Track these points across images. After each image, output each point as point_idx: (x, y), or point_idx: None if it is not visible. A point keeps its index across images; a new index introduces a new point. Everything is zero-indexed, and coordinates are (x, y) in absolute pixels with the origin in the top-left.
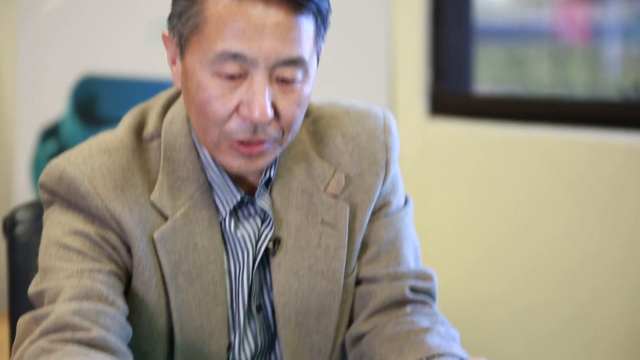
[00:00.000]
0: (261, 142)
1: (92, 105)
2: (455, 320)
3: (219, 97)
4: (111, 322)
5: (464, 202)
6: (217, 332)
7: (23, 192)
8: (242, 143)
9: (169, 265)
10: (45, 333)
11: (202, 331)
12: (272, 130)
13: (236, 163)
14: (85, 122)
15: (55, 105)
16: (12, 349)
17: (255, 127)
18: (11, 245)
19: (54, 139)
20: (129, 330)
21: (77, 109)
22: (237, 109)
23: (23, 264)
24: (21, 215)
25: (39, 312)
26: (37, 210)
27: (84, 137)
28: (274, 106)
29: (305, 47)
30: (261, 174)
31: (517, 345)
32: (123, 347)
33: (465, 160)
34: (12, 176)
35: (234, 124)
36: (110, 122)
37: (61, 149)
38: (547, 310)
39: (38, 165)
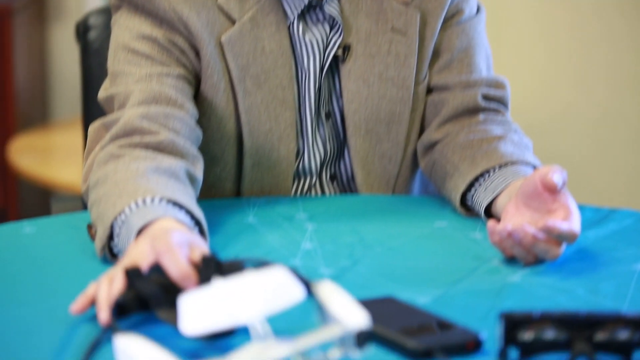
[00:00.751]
0: None
1: None
2: (527, 128)
3: None
4: (180, 125)
5: (538, 9)
6: (286, 136)
7: None
8: None
9: (236, 69)
10: (114, 138)
11: (270, 135)
12: None
13: None
14: None
15: None
16: (84, 155)
17: None
18: (84, 50)
19: None
20: (198, 133)
21: None
22: None
23: (96, 70)
24: (94, 21)
25: (108, 118)
26: (110, 15)
27: None
28: None
29: None
30: None
31: (589, 153)
32: (192, 149)
33: None
34: None
35: None
36: None
37: None
38: (621, 118)
39: None
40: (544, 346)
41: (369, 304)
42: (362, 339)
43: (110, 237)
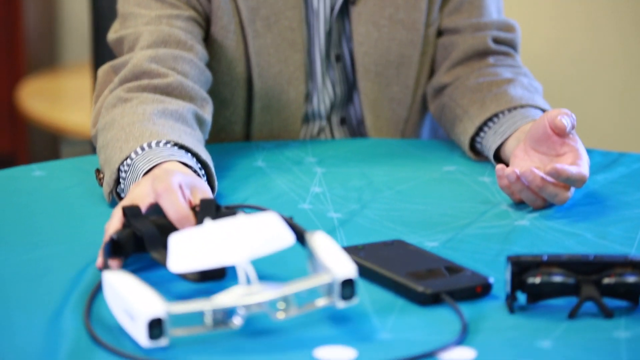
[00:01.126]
0: None
1: None
2: (537, 73)
3: None
4: (189, 67)
5: None
6: (295, 78)
7: None
8: None
9: (247, 10)
10: (123, 81)
11: (280, 77)
12: None
13: None
14: None
15: None
16: (94, 98)
17: None
18: None
19: None
20: (208, 75)
21: None
22: None
23: (106, 12)
24: None
25: (117, 60)
26: None
27: None
28: None
29: None
30: None
31: (597, 97)
32: (201, 92)
33: None
34: None
35: None
36: None
37: None
38: (631, 63)
39: None
40: (551, 290)
41: (377, 247)
42: (348, 289)
43: (117, 181)
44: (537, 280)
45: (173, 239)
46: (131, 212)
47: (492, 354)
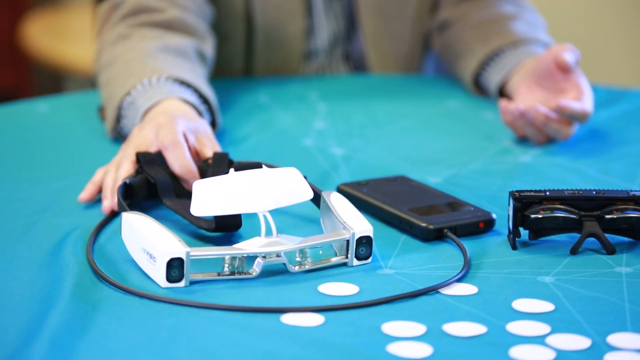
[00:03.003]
0: None
1: None
2: (542, 7)
3: None
4: (188, 2)
5: None
6: (295, 12)
7: None
8: None
9: None
10: (123, 18)
11: (280, 11)
12: None
13: None
14: None
15: None
16: (96, 36)
17: None
18: None
19: None
20: (208, 10)
21: None
22: None
23: None
24: None
25: None
26: None
27: None
28: None
29: None
30: None
31: (602, 32)
32: (202, 26)
33: None
34: None
35: None
36: None
37: None
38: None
39: None
40: (554, 226)
41: (381, 183)
42: (364, 248)
43: (119, 118)
44: (540, 216)
45: (197, 185)
46: (145, 159)
47: (494, 289)
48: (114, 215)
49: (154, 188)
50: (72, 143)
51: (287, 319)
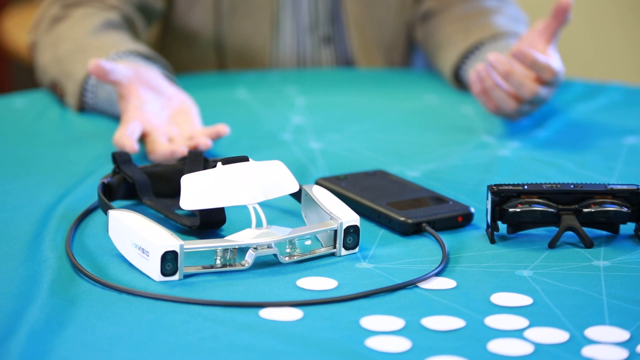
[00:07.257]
0: None
1: None
2: (541, 7)
3: None
4: None
5: None
6: None
7: None
8: None
9: None
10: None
11: None
12: None
13: None
14: None
15: None
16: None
17: None
18: None
19: None
20: None
21: None
22: None
23: None
24: None
25: None
26: None
27: None
28: None
29: None
30: None
31: (579, 26)
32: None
33: None
34: None
35: None
36: None
37: None
38: None
39: None
40: (532, 220)
41: (359, 177)
42: (351, 236)
43: (83, 92)
44: (518, 209)
45: (185, 179)
46: (121, 159)
47: (473, 283)
48: (92, 209)
49: (132, 188)
50: (49, 138)
51: (266, 313)
